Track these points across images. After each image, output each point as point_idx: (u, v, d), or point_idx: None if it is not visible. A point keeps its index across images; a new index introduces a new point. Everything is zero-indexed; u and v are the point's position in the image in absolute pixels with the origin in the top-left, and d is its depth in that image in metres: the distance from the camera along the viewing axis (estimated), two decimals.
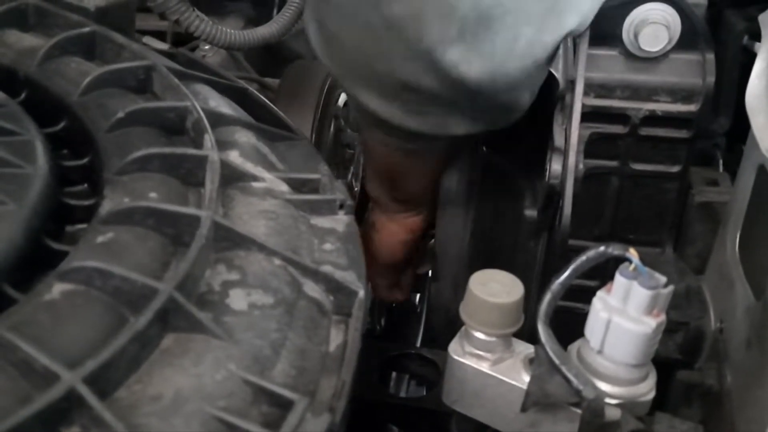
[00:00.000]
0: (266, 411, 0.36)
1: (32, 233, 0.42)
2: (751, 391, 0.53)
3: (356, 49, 0.62)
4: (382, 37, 0.60)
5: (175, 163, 0.47)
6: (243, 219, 0.46)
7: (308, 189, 0.51)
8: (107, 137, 0.49)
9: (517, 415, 0.50)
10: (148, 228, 0.42)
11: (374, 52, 0.62)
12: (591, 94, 0.65)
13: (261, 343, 0.38)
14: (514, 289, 0.51)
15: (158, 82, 0.55)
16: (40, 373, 0.33)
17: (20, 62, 0.56)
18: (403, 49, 0.60)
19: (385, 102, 0.65)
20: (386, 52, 0.61)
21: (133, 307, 0.37)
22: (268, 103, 0.62)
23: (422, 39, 0.58)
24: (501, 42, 0.58)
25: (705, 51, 0.63)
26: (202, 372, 0.36)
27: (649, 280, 0.46)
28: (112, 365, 0.34)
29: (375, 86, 0.64)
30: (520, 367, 0.51)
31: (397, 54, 0.61)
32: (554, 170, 0.64)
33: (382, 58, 0.62)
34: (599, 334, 0.47)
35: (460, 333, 0.53)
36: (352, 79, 0.48)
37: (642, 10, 0.62)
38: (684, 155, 0.66)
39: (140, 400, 0.34)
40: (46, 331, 0.35)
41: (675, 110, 0.64)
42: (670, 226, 0.69)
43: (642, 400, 0.49)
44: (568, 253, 0.59)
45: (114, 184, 0.45)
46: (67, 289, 0.37)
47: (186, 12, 0.71)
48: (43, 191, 0.44)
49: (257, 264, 0.43)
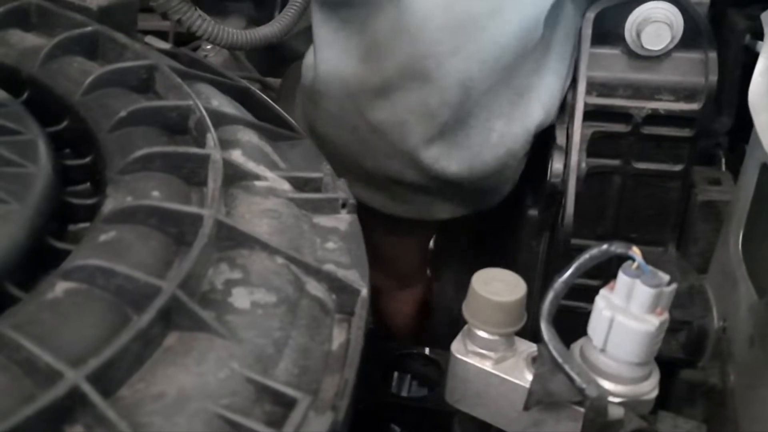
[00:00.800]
0: (269, 409, 0.36)
1: (35, 232, 0.42)
2: (755, 390, 0.52)
3: (344, 147, 0.69)
4: (368, 139, 0.67)
5: (177, 162, 0.47)
6: (245, 218, 0.46)
7: (310, 188, 0.51)
8: (109, 136, 0.49)
9: (520, 414, 0.50)
10: (150, 227, 0.42)
11: (361, 151, 0.68)
12: (593, 93, 0.65)
13: (264, 342, 0.38)
14: (516, 288, 0.51)
15: (160, 82, 0.55)
16: (44, 371, 0.33)
17: (23, 62, 0.56)
18: (387, 149, 0.66)
19: (373, 192, 0.71)
20: (372, 151, 0.67)
21: (135, 305, 0.37)
22: (270, 103, 0.62)
23: (405, 140, 0.65)
24: (476, 136, 0.65)
25: (707, 49, 0.64)
26: (205, 370, 0.36)
27: (652, 278, 0.46)
28: (115, 364, 0.34)
29: (363, 179, 0.70)
30: (523, 365, 0.51)
31: (382, 153, 0.67)
32: (556, 169, 0.64)
33: (369, 156, 0.68)
34: (602, 332, 0.47)
35: (463, 332, 0.53)
36: (341, 171, 0.52)
37: (644, 8, 0.62)
38: (687, 154, 0.66)
39: (143, 399, 0.34)
40: (49, 330, 0.35)
41: (677, 109, 0.64)
42: (673, 225, 0.69)
43: (645, 399, 0.49)
44: (570, 251, 0.59)
45: (116, 183, 0.45)
46: (70, 287, 0.37)
47: (188, 12, 0.71)
48: (45, 190, 0.44)
49: (260, 263, 0.43)
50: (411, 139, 0.65)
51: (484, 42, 0.62)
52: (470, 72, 0.62)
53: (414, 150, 0.65)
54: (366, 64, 0.65)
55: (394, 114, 0.65)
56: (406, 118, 0.64)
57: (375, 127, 0.66)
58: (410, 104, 0.64)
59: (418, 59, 0.63)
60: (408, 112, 0.64)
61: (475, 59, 0.62)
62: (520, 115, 0.65)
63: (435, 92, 0.63)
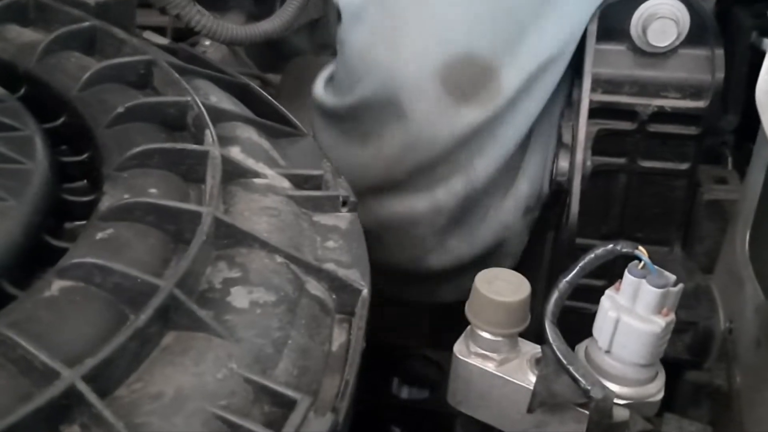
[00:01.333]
0: (268, 410, 0.35)
1: (31, 230, 0.42)
2: (761, 392, 0.52)
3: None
4: (378, 235, 0.70)
5: (175, 158, 0.46)
6: (244, 216, 0.45)
7: (311, 185, 0.51)
8: (107, 133, 0.49)
9: (523, 416, 0.49)
10: (148, 224, 0.41)
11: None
12: (599, 90, 0.64)
13: (263, 342, 0.38)
14: (520, 288, 0.50)
15: (159, 78, 0.55)
16: (40, 370, 0.32)
17: (20, 57, 0.55)
18: (396, 241, 0.70)
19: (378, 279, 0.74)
20: (381, 245, 0.70)
21: (133, 304, 0.37)
22: (269, 99, 0.62)
23: (415, 232, 0.70)
24: (473, 215, 0.69)
25: (714, 46, 0.63)
26: (204, 370, 0.35)
27: (659, 278, 0.45)
28: (112, 363, 0.33)
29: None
30: (527, 367, 0.50)
31: (391, 245, 0.71)
32: (561, 167, 0.64)
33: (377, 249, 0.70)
34: (607, 333, 0.47)
35: (466, 333, 0.52)
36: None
37: (650, 4, 0.61)
38: (693, 152, 0.66)
39: (141, 399, 0.34)
40: (46, 329, 0.35)
41: (684, 106, 0.63)
42: (679, 224, 0.68)
43: (650, 401, 0.48)
44: (575, 251, 0.58)
45: (114, 180, 0.45)
46: (66, 285, 0.37)
47: (187, 7, 0.71)
48: (42, 187, 0.44)
49: (259, 261, 0.42)
50: (420, 230, 0.69)
51: (489, 148, 0.66)
52: (476, 169, 0.67)
53: (423, 240, 0.69)
54: (371, 170, 0.69)
55: (403, 209, 0.69)
56: (415, 212, 0.69)
57: (383, 223, 0.69)
58: (419, 201, 0.69)
59: (426, 166, 0.67)
60: (417, 206, 0.69)
61: (481, 159, 0.66)
62: (511, 190, 0.70)
63: (442, 187, 0.68)
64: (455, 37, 0.63)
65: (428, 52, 0.64)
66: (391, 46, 0.65)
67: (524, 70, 0.63)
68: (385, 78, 0.65)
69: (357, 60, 0.67)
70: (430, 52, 0.64)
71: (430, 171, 0.67)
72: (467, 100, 0.64)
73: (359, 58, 0.67)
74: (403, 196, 0.69)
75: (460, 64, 0.63)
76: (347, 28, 0.68)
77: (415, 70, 0.64)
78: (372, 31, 0.66)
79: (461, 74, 0.64)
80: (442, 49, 0.63)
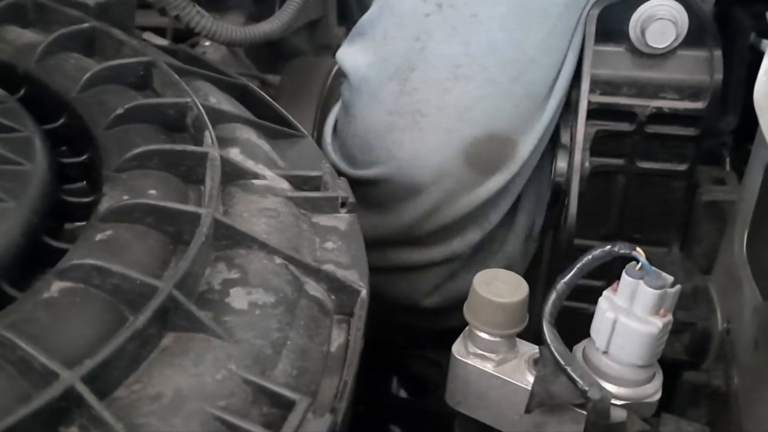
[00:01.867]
0: (267, 411, 0.35)
1: (31, 231, 0.42)
2: (759, 392, 0.52)
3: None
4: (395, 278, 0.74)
5: (175, 160, 0.46)
6: (244, 217, 0.46)
7: (310, 186, 0.51)
8: (106, 134, 0.49)
9: (521, 417, 0.49)
10: (147, 226, 0.41)
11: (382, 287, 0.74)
12: (597, 91, 0.64)
13: (262, 343, 0.38)
14: (518, 289, 0.50)
15: (158, 79, 0.55)
16: (39, 371, 0.32)
17: (19, 58, 0.55)
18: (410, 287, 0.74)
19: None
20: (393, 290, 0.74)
21: (132, 305, 0.37)
22: (269, 100, 0.62)
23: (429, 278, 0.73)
24: (479, 248, 0.71)
25: (713, 47, 0.63)
26: (203, 371, 0.35)
27: (656, 279, 0.45)
28: (111, 364, 0.33)
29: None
30: (525, 367, 0.50)
31: (405, 289, 0.74)
32: (560, 168, 0.64)
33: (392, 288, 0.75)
34: (605, 334, 0.47)
35: (464, 333, 0.52)
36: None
37: (649, 5, 0.61)
38: (691, 153, 0.66)
39: (140, 400, 0.34)
40: (45, 330, 0.35)
41: (682, 107, 0.63)
42: (677, 225, 0.68)
43: (648, 402, 0.48)
44: (573, 252, 0.58)
45: (113, 182, 0.45)
46: (65, 287, 0.37)
47: (186, 8, 0.71)
48: (41, 188, 0.44)
49: (258, 262, 0.42)
50: (435, 273, 0.72)
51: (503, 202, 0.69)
52: (490, 221, 0.70)
53: (436, 279, 0.72)
54: (389, 231, 0.71)
55: (419, 258, 0.71)
56: (432, 260, 0.71)
57: (399, 268, 0.72)
58: (436, 252, 0.71)
59: (445, 228, 0.70)
60: (434, 256, 0.71)
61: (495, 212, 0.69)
62: (513, 225, 0.72)
63: (458, 240, 0.70)
64: (479, 118, 0.65)
65: (453, 134, 0.65)
66: (414, 129, 0.66)
67: (538, 136, 0.65)
68: (408, 159, 0.66)
69: (374, 139, 0.68)
70: (455, 134, 0.65)
71: (449, 230, 0.69)
72: (490, 172, 0.66)
73: (377, 138, 0.67)
74: (420, 249, 0.71)
75: (483, 142, 0.65)
76: (361, 104, 0.68)
77: (439, 153, 0.66)
78: (390, 111, 0.66)
79: (485, 151, 0.65)
80: (467, 131, 0.65)
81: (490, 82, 0.64)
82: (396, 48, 0.66)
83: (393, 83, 0.66)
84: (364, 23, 0.68)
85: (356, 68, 0.68)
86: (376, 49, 0.67)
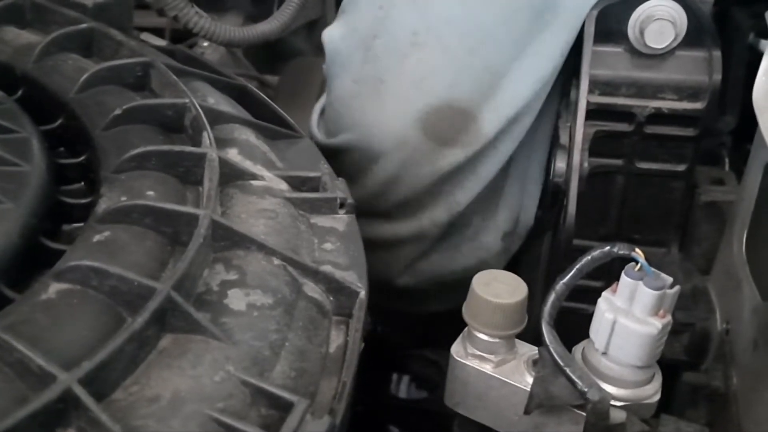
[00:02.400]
0: (265, 413, 0.35)
1: (28, 232, 0.42)
2: (758, 393, 0.52)
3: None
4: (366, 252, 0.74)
5: (173, 161, 0.46)
6: (242, 218, 0.45)
7: (308, 187, 0.51)
8: (104, 135, 0.49)
9: (520, 418, 0.49)
10: (145, 227, 0.41)
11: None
12: (596, 92, 0.64)
13: (260, 344, 0.38)
14: (517, 290, 0.50)
15: (156, 79, 0.54)
16: (36, 373, 0.32)
17: (17, 59, 0.55)
18: (381, 261, 0.73)
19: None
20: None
21: (130, 307, 0.37)
22: (267, 101, 0.62)
23: (402, 255, 0.73)
24: (455, 233, 0.72)
25: (711, 48, 0.63)
26: (201, 373, 0.35)
27: (655, 280, 0.45)
28: (109, 366, 0.33)
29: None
30: (524, 368, 0.50)
31: (379, 264, 0.73)
32: (558, 168, 0.64)
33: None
34: (604, 335, 0.47)
35: (463, 334, 0.52)
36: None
37: (648, 6, 0.61)
38: (690, 154, 0.65)
39: (137, 402, 0.34)
40: (43, 332, 0.35)
41: (681, 108, 0.63)
42: (676, 226, 0.68)
43: (647, 402, 0.48)
44: (572, 252, 0.58)
45: (111, 183, 0.44)
46: (63, 288, 0.37)
47: (185, 8, 0.71)
48: (39, 189, 0.44)
49: (256, 264, 0.42)
50: (404, 251, 0.72)
51: (470, 183, 0.69)
52: (458, 201, 0.70)
53: (406, 259, 0.72)
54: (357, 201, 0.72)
55: (388, 233, 0.71)
56: (400, 236, 0.71)
57: (368, 242, 0.72)
58: (404, 227, 0.71)
59: (410, 199, 0.70)
60: (402, 232, 0.71)
61: (462, 192, 0.70)
62: (490, 216, 0.73)
63: (426, 216, 0.71)
64: (435, 88, 0.66)
65: (410, 102, 0.66)
66: (375, 96, 0.67)
67: (503, 115, 0.66)
68: (369, 126, 0.68)
69: (341, 106, 0.70)
70: (412, 103, 0.66)
71: (414, 203, 0.70)
72: (448, 143, 0.66)
73: (343, 105, 0.69)
74: (388, 222, 0.72)
75: (440, 112, 0.66)
76: (333, 73, 0.70)
77: (397, 120, 0.67)
78: (355, 79, 0.68)
79: (442, 121, 0.66)
80: (424, 100, 0.66)
81: (447, 52, 0.65)
82: (363, 17, 0.67)
83: (359, 52, 0.67)
84: (345, 2, 0.70)
85: (330, 41, 0.69)
86: (347, 20, 0.69)
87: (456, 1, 0.64)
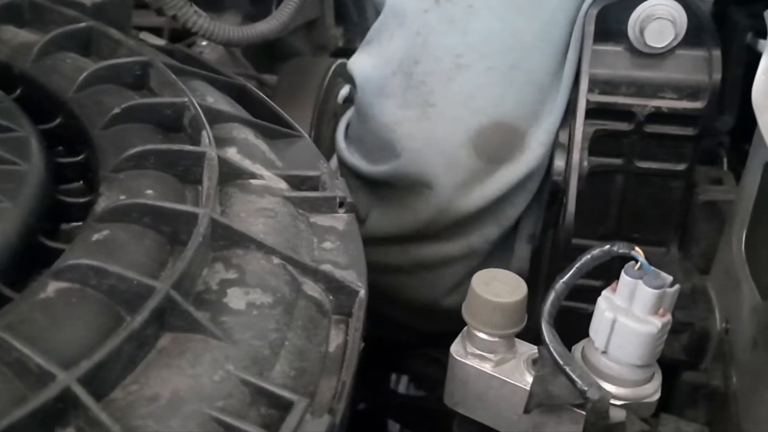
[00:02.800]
0: (265, 412, 0.35)
1: (27, 231, 0.41)
2: (758, 392, 0.52)
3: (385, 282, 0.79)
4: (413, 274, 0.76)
5: (172, 160, 0.46)
6: (241, 217, 0.45)
7: (308, 186, 0.51)
8: (103, 134, 0.49)
9: (520, 417, 0.49)
10: (144, 226, 0.41)
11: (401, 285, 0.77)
12: (596, 91, 0.64)
13: (259, 344, 0.38)
14: (517, 289, 0.50)
15: (155, 79, 0.54)
16: (35, 373, 0.32)
17: (15, 58, 0.55)
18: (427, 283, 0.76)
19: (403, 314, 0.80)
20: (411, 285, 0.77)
21: (129, 306, 0.37)
22: (266, 100, 0.61)
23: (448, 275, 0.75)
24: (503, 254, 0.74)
25: (711, 47, 0.63)
26: (200, 372, 0.35)
27: (655, 279, 0.45)
28: (108, 365, 0.33)
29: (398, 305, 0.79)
30: (524, 368, 0.50)
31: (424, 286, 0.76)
32: (558, 167, 0.64)
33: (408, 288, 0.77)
34: (604, 334, 0.47)
35: (463, 333, 0.52)
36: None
37: (648, 5, 0.61)
38: (690, 153, 0.66)
39: (137, 401, 0.34)
40: (41, 331, 0.34)
41: (681, 107, 0.63)
42: (676, 225, 0.68)
43: (647, 402, 0.48)
44: (572, 252, 0.58)
45: (110, 182, 0.44)
46: (62, 287, 0.37)
47: (183, 8, 0.71)
48: (38, 189, 0.43)
49: (256, 263, 0.42)
50: (454, 270, 0.73)
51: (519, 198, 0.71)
52: (508, 217, 0.72)
53: (455, 278, 0.73)
54: (409, 225, 0.73)
55: (438, 253, 0.72)
56: (451, 256, 0.73)
57: (417, 263, 0.74)
58: (455, 247, 0.73)
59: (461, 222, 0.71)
60: (452, 251, 0.73)
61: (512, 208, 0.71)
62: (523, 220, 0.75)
63: (477, 235, 0.72)
64: (483, 106, 0.67)
65: (460, 122, 0.67)
66: (423, 120, 0.68)
67: (547, 129, 0.67)
68: (418, 150, 0.68)
69: (387, 133, 0.70)
70: (462, 123, 0.67)
71: (465, 224, 0.71)
72: (498, 162, 0.67)
73: (390, 131, 0.70)
74: (438, 243, 0.73)
75: (489, 130, 0.67)
76: (368, 102, 0.71)
77: (448, 142, 0.68)
78: (400, 105, 0.69)
79: (491, 139, 0.67)
80: (473, 119, 0.67)
81: (491, 69, 0.65)
82: (398, 45, 0.68)
83: (398, 78, 0.68)
84: (371, 33, 0.71)
85: (362, 71, 0.70)
86: (380, 50, 0.70)
87: (496, 18, 0.65)
